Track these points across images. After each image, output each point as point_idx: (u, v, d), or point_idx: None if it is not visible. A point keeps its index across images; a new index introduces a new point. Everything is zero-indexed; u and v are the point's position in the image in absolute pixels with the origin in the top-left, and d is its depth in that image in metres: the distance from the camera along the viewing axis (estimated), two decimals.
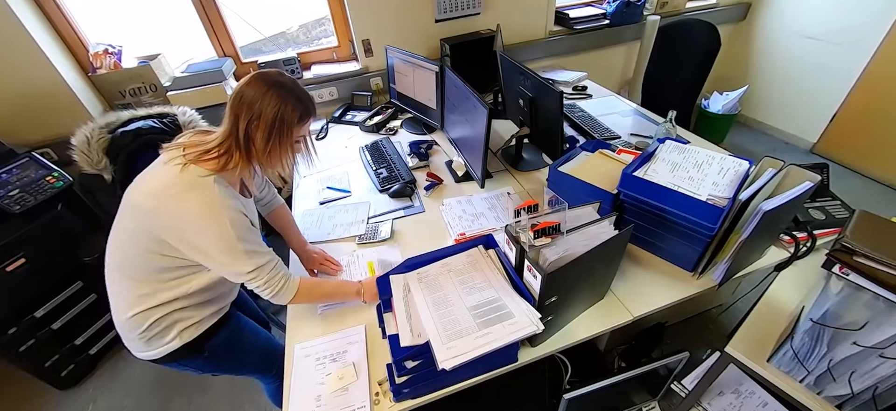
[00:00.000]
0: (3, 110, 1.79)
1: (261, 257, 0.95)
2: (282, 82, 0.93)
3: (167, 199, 0.88)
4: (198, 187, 0.88)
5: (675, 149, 1.11)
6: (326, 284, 1.13)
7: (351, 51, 2.38)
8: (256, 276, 0.94)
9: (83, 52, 1.95)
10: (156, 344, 1.02)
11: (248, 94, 0.90)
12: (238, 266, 0.92)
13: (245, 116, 0.90)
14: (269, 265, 0.96)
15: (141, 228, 0.91)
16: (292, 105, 0.93)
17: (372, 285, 1.08)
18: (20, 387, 1.91)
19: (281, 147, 0.95)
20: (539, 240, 0.84)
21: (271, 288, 0.97)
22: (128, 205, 0.94)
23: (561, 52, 2.67)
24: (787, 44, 2.84)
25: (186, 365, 1.11)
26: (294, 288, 1.01)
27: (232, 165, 0.93)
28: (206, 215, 0.88)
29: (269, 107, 0.90)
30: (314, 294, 1.09)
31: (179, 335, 1.03)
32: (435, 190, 1.60)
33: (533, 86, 1.49)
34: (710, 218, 0.93)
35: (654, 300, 1.08)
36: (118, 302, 1.00)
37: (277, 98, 0.91)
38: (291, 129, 0.94)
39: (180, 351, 1.04)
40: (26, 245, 1.62)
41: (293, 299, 1.01)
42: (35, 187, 1.61)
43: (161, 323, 1.00)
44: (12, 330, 1.65)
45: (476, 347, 0.75)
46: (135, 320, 0.98)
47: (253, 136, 0.91)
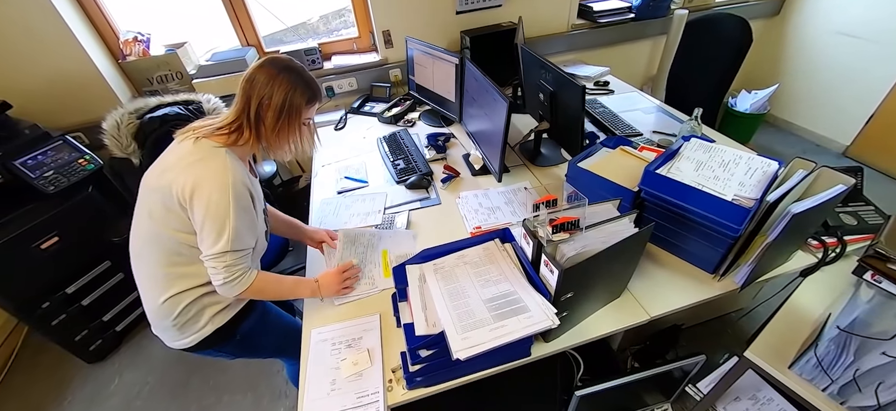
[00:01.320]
0: (40, 94, 1.87)
1: (238, 240, 0.93)
2: (291, 67, 0.98)
3: (180, 170, 0.91)
4: (209, 156, 0.93)
5: (700, 147, 1.08)
6: (283, 282, 1.09)
7: (371, 42, 2.39)
8: (219, 260, 0.92)
9: (114, 40, 2.02)
10: (189, 330, 1.05)
11: (259, 77, 0.94)
12: (212, 239, 0.90)
13: (256, 98, 0.94)
14: (241, 254, 0.95)
15: (159, 207, 0.94)
16: (301, 89, 0.97)
17: (329, 280, 1.12)
18: (52, 360, 2.01)
19: (289, 128, 0.99)
20: (557, 236, 0.84)
21: (228, 274, 0.93)
22: (145, 190, 0.98)
23: (583, 47, 2.62)
24: (822, 41, 2.72)
25: (220, 351, 1.14)
26: (248, 281, 0.98)
27: (242, 142, 0.98)
28: (212, 180, 0.90)
29: (278, 90, 0.94)
30: (267, 291, 1.06)
31: (211, 320, 1.06)
32: (451, 182, 1.60)
33: (554, 80, 1.47)
34: (735, 218, 0.91)
35: (672, 301, 1.07)
36: (148, 289, 1.03)
37: (287, 82, 0.95)
38: (299, 112, 0.99)
39: (213, 337, 1.07)
40: (59, 224, 1.69)
41: (243, 292, 0.98)
42: (68, 169, 1.68)
43: (192, 308, 1.02)
44: (45, 304, 1.74)
45: (491, 339, 0.75)
46: (166, 306, 1.00)
47: (263, 117, 0.96)
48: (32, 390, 1.91)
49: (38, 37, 1.76)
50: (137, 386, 1.87)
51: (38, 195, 1.62)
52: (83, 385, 1.90)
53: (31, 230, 1.61)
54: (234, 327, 1.11)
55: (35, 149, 1.65)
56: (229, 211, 0.90)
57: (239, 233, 0.92)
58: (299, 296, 1.13)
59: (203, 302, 1.04)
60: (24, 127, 1.73)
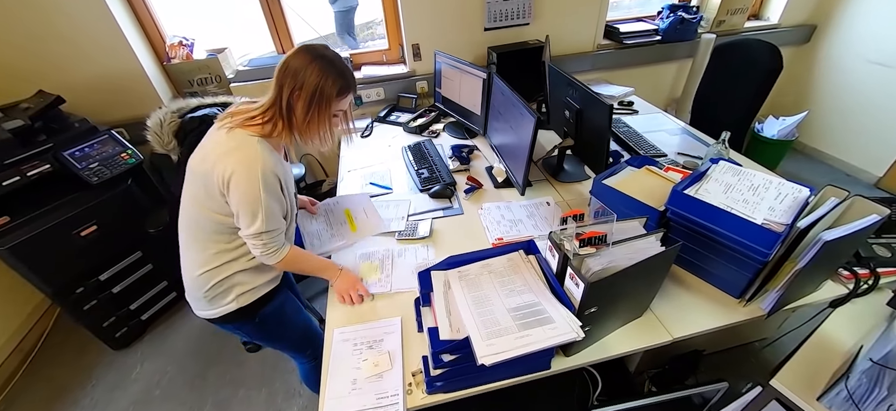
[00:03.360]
0: (90, 91, 1.99)
1: (271, 222, 1.00)
2: (325, 55, 0.98)
3: (217, 159, 0.95)
4: (242, 146, 0.96)
5: (729, 170, 1.08)
6: (313, 259, 1.19)
7: (400, 54, 2.46)
8: (257, 238, 1.00)
9: (160, 43, 2.14)
10: (217, 304, 1.12)
11: (292, 64, 0.96)
12: (249, 221, 0.97)
13: (288, 86, 0.96)
14: (275, 232, 1.03)
15: (200, 190, 1.00)
16: (333, 78, 0.98)
17: (347, 278, 1.17)
18: (79, 344, 2.09)
19: (319, 118, 1.00)
20: (584, 250, 0.85)
21: (265, 249, 1.02)
22: (189, 173, 1.04)
23: (608, 66, 2.64)
24: (854, 69, 2.67)
25: (238, 328, 1.22)
26: (283, 253, 1.06)
27: (275, 133, 1.00)
28: (244, 169, 0.94)
29: (310, 78, 0.95)
30: (299, 263, 1.15)
31: (237, 298, 1.12)
32: (474, 193, 1.63)
33: (580, 97, 1.49)
34: (764, 242, 0.90)
35: (695, 323, 1.05)
36: (187, 261, 1.11)
37: (319, 70, 0.96)
38: (330, 102, 1.00)
39: (235, 314, 1.14)
40: (99, 213, 1.78)
41: (279, 262, 1.07)
42: (111, 162, 1.78)
43: (222, 285, 1.09)
44: (80, 289, 1.82)
45: (516, 347, 0.76)
46: (201, 279, 1.08)
47: (294, 106, 0.98)
48: (59, 372, 1.99)
49: (92, 37, 1.89)
50: (158, 375, 1.93)
51: (81, 185, 1.71)
52: (108, 370, 1.97)
53: (73, 217, 1.71)
54: (255, 309, 1.17)
55: (83, 142, 1.76)
56: (259, 196, 0.95)
57: (271, 214, 0.98)
58: (325, 275, 1.19)
59: (234, 280, 1.10)
60: (74, 120, 1.84)
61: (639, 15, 2.75)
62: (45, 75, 1.90)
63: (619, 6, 2.82)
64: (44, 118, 1.75)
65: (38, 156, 1.65)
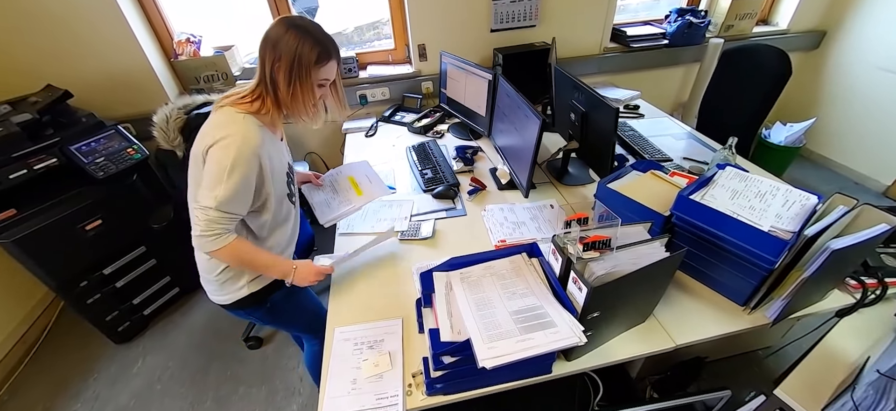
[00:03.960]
0: (98, 86, 2.00)
1: (229, 203, 0.93)
2: (300, 23, 0.96)
3: (205, 134, 0.97)
4: (228, 121, 0.96)
5: (735, 176, 1.07)
6: (259, 255, 1.08)
7: (406, 54, 2.46)
8: (203, 212, 0.93)
9: (168, 39, 2.15)
10: (228, 288, 1.13)
11: (271, 35, 0.95)
12: (206, 191, 0.93)
13: (269, 58, 0.95)
14: (222, 215, 0.95)
15: (196, 169, 1.00)
16: (310, 44, 0.94)
17: (305, 271, 1.13)
18: (81, 338, 2.10)
19: (302, 88, 0.98)
20: (588, 254, 0.84)
21: (206, 228, 0.95)
22: (191, 158, 1.03)
23: (614, 70, 2.62)
24: (863, 76, 2.64)
25: (250, 314, 1.23)
26: (223, 243, 0.97)
27: (264, 110, 1.00)
28: (223, 141, 0.92)
29: (287, 47, 0.93)
30: (241, 259, 1.05)
31: (248, 284, 1.13)
32: (478, 195, 1.62)
33: (586, 100, 1.48)
34: (771, 250, 0.89)
35: (699, 330, 1.04)
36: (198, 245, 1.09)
37: (295, 36, 0.93)
38: (310, 70, 0.96)
39: (247, 300, 1.15)
40: (104, 208, 1.79)
41: (216, 252, 0.99)
42: (117, 157, 1.79)
43: (232, 269, 1.10)
44: (84, 283, 1.83)
45: (517, 350, 0.76)
46: (212, 263, 1.10)
47: (277, 78, 0.96)
48: (61, 365, 2.00)
49: (101, 32, 1.90)
50: (159, 370, 1.93)
51: (87, 179, 1.72)
52: (109, 364, 1.98)
53: (78, 212, 1.72)
54: (266, 295, 1.18)
55: (90, 137, 1.77)
56: (226, 172, 0.91)
57: (230, 196, 0.93)
58: (272, 274, 1.14)
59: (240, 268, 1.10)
60: (81, 115, 1.85)
61: (646, 18, 2.73)
62: (54, 70, 1.91)
63: (625, 9, 2.81)
64: (51, 112, 1.77)
65: (45, 149, 1.66)
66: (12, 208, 1.60)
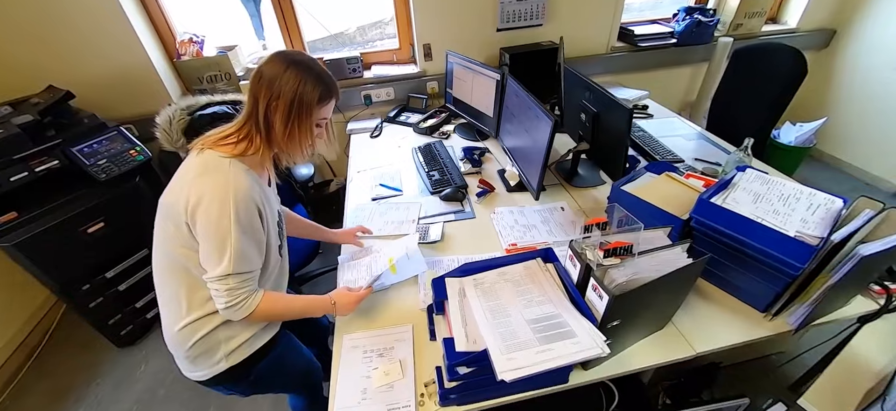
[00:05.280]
0: (100, 86, 1.98)
1: (242, 263, 0.86)
2: (300, 60, 0.89)
3: (184, 185, 0.85)
4: (212, 168, 0.86)
5: (757, 178, 1.04)
6: (294, 303, 1.02)
7: (411, 54, 2.43)
8: (222, 283, 0.85)
9: (170, 39, 2.12)
10: (202, 363, 0.98)
11: (267, 72, 0.86)
12: (214, 260, 0.84)
13: (264, 97, 0.86)
14: (246, 277, 0.88)
15: (171, 225, 0.88)
16: (312, 83, 0.88)
17: (346, 298, 1.04)
18: (83, 341, 2.08)
19: (300, 130, 0.90)
20: (608, 260, 0.81)
21: (231, 298, 0.87)
22: (159, 210, 0.92)
23: (621, 69, 2.59)
24: (875, 75, 2.60)
25: (232, 390, 1.08)
26: (253, 305, 0.90)
27: (252, 150, 0.90)
28: (213, 195, 0.82)
29: (287, 86, 0.85)
30: (276, 313, 0.99)
31: (225, 357, 0.98)
32: (486, 197, 1.59)
33: (598, 101, 1.45)
34: (798, 256, 0.86)
35: (719, 337, 1.01)
36: (165, 315, 0.98)
37: (296, 76, 0.86)
38: (311, 110, 0.89)
39: (225, 375, 1.00)
40: (106, 210, 1.76)
41: (249, 317, 0.91)
42: (120, 158, 1.76)
43: (207, 341, 0.95)
44: (86, 286, 1.80)
45: (537, 362, 0.73)
46: (181, 334, 0.94)
47: (272, 118, 0.88)
48: (64, 368, 1.98)
49: (102, 32, 1.88)
50: (162, 374, 1.91)
51: (89, 181, 1.70)
52: (112, 368, 1.95)
53: (81, 214, 1.69)
54: (249, 367, 1.03)
55: (92, 138, 1.75)
56: (230, 230, 0.82)
57: (242, 253, 0.85)
58: (313, 315, 1.07)
59: (217, 336, 0.96)
60: (83, 116, 1.83)
61: (650, 17, 2.70)
62: (55, 70, 1.89)
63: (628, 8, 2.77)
64: (53, 113, 1.74)
65: (46, 151, 1.63)
66: (13, 211, 1.57)
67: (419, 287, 1.20)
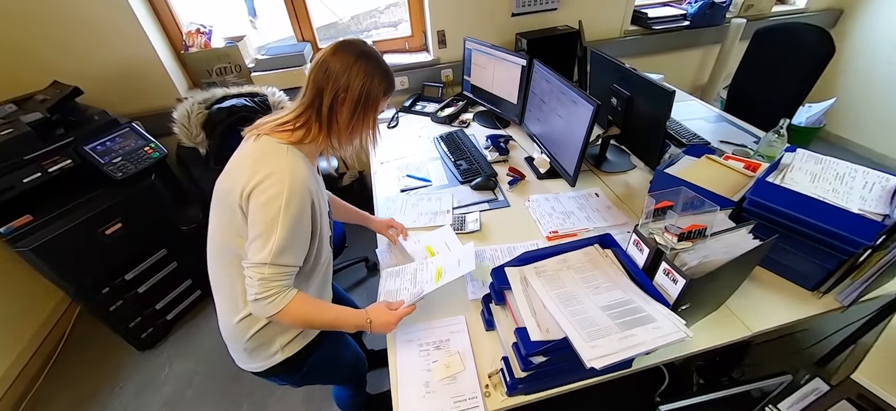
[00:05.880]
0: (107, 82, 1.90)
1: (285, 254, 0.81)
2: (369, 53, 0.88)
3: (242, 170, 0.84)
4: (272, 153, 0.84)
5: (810, 158, 1.04)
6: (326, 312, 0.96)
7: (423, 41, 2.38)
8: (257, 270, 0.81)
9: (175, 31, 2.04)
10: (259, 356, 0.98)
11: (334, 66, 0.84)
12: (257, 246, 0.80)
13: (331, 89, 0.85)
14: (285, 270, 0.83)
15: (227, 213, 0.87)
16: (379, 78, 0.88)
17: (382, 316, 0.96)
18: (102, 345, 2.03)
19: (364, 122, 0.90)
20: (682, 244, 0.81)
21: (262, 289, 0.81)
22: (215, 197, 0.91)
23: (633, 53, 2.58)
24: (883, 55, 2.63)
25: (285, 380, 1.09)
26: (283, 303, 0.84)
27: (310, 139, 0.89)
28: (270, 179, 0.79)
29: (356, 81, 0.85)
30: (304, 318, 0.90)
31: (282, 349, 0.98)
32: (518, 185, 1.58)
33: (632, 85, 1.44)
34: (863, 233, 0.86)
35: (773, 317, 1.02)
36: (223, 307, 0.97)
37: (365, 71, 0.85)
38: (376, 104, 0.90)
39: (282, 366, 1.00)
40: (124, 210, 1.71)
41: (276, 316, 0.85)
42: (135, 156, 1.70)
43: (264, 334, 0.96)
44: (105, 290, 1.75)
45: (623, 348, 0.72)
46: (240, 327, 0.94)
47: (338, 111, 0.87)
48: (84, 375, 1.93)
49: (105, 25, 1.80)
50: (188, 376, 1.87)
51: (104, 181, 1.64)
52: (134, 372, 1.91)
53: (97, 215, 1.64)
54: (303, 358, 1.03)
55: (104, 135, 1.68)
56: (278, 217, 0.79)
57: (286, 244, 0.81)
58: (344, 329, 0.99)
59: (274, 328, 0.96)
60: (92, 113, 1.75)
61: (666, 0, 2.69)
62: (58, 66, 1.80)
63: None
64: (61, 110, 1.66)
65: (58, 150, 1.57)
66: (28, 214, 1.51)
67: (465, 277, 1.19)
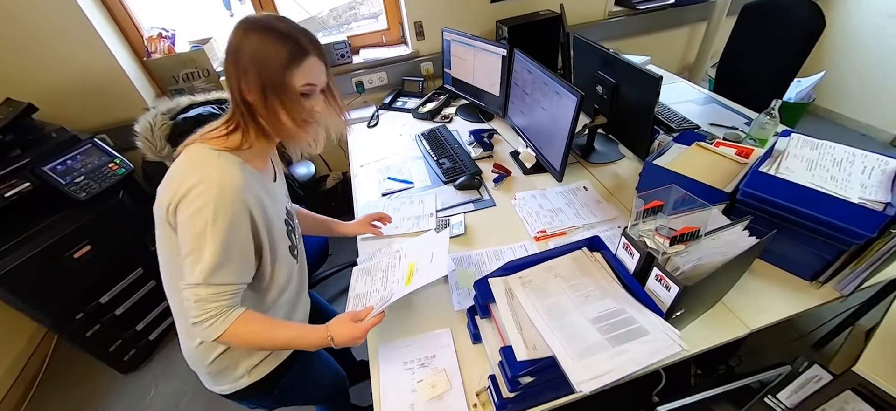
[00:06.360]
0: (65, 95, 1.79)
1: (221, 272, 0.72)
2: (259, 20, 0.74)
3: (169, 183, 0.74)
4: (200, 161, 0.74)
5: (805, 143, 0.99)
6: (279, 333, 0.84)
7: (400, 34, 2.29)
8: (192, 291, 0.72)
9: (137, 37, 1.93)
10: (224, 379, 0.92)
11: (230, 46, 0.73)
12: (190, 264, 0.71)
13: (234, 75, 0.73)
14: (215, 289, 0.73)
15: (162, 231, 0.79)
16: (273, 44, 0.71)
17: (346, 333, 0.86)
18: (84, 369, 1.95)
19: (283, 104, 0.74)
20: (674, 248, 0.75)
21: (198, 312, 0.73)
22: (155, 218, 0.81)
23: (619, 35, 2.51)
24: (871, 24, 2.59)
25: (256, 404, 1.02)
26: (223, 325, 0.75)
27: (249, 144, 0.79)
28: (193, 191, 0.70)
29: (251, 55, 0.72)
30: (252, 339, 0.80)
31: (248, 373, 0.92)
32: (503, 182, 1.52)
33: (617, 71, 1.38)
34: (865, 224, 0.81)
35: (772, 311, 0.98)
36: (182, 330, 0.91)
37: (256, 39, 0.71)
38: (283, 76, 0.73)
39: (250, 390, 0.94)
40: (92, 232, 1.62)
41: (220, 338, 0.76)
42: (99, 174, 1.60)
43: (227, 358, 0.89)
44: (79, 315, 1.67)
45: (616, 368, 0.67)
46: (199, 351, 0.88)
47: (248, 98, 0.75)
48: (68, 401, 1.86)
49: (62, 36, 1.68)
50: (174, 398, 1.81)
51: (68, 202, 1.55)
52: (119, 397, 1.85)
53: (63, 239, 1.54)
54: (273, 381, 0.97)
55: (64, 154, 1.58)
56: (207, 232, 0.69)
57: (220, 261, 0.71)
58: (301, 348, 0.91)
59: (238, 351, 0.90)
60: (50, 130, 1.65)
61: None
62: (10, 81, 1.69)
63: None
64: (15, 130, 1.56)
65: (14, 173, 1.47)
66: None
67: (451, 286, 1.13)
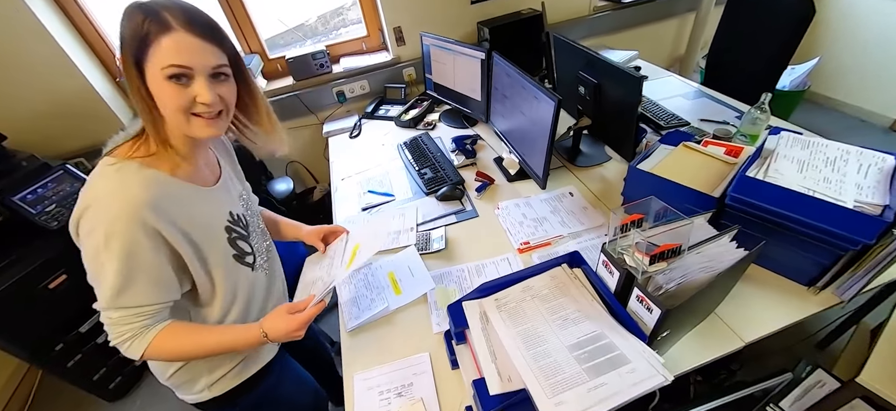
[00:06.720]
0: (35, 122, 1.74)
1: (124, 295, 0.66)
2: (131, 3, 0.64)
3: (76, 205, 0.67)
4: (96, 179, 0.67)
5: (796, 142, 0.93)
6: (206, 338, 0.78)
7: (381, 40, 2.24)
8: (104, 315, 0.69)
9: (109, 56, 1.88)
10: (185, 391, 0.89)
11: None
12: (95, 288, 0.67)
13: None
14: (128, 312, 0.68)
15: None
16: (135, 18, 0.62)
17: (282, 327, 0.81)
18: (71, 400, 1.90)
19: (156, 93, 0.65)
20: (655, 266, 0.70)
21: (114, 335, 0.70)
22: None
23: (606, 30, 2.45)
24: (867, 7, 2.52)
25: None
26: (142, 346, 0.70)
27: (162, 148, 0.69)
28: (87, 212, 0.64)
29: (120, 39, 0.64)
30: (180, 351, 0.76)
31: (208, 388, 0.88)
32: (487, 191, 1.46)
33: (598, 71, 1.32)
34: (862, 231, 0.76)
35: (768, 322, 0.92)
36: None
37: (123, 21, 0.63)
38: (145, 55, 0.62)
39: (209, 404, 0.91)
40: (67, 260, 1.57)
41: (142, 356, 0.72)
42: (72, 201, 1.56)
43: (186, 372, 0.85)
44: (59, 346, 1.63)
45: (592, 404, 0.61)
46: (156, 366, 0.86)
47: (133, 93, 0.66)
48: None
49: (30, 61, 1.63)
50: None
51: (39, 232, 1.50)
52: None
53: (36, 270, 1.50)
54: (233, 398, 0.92)
55: (35, 182, 1.53)
56: (101, 255, 0.64)
57: (123, 284, 0.65)
58: (236, 350, 0.86)
59: (199, 365, 0.86)
60: (21, 158, 1.60)
61: None
62: None
63: None
64: None
65: None
66: None
67: (430, 305, 1.08)
